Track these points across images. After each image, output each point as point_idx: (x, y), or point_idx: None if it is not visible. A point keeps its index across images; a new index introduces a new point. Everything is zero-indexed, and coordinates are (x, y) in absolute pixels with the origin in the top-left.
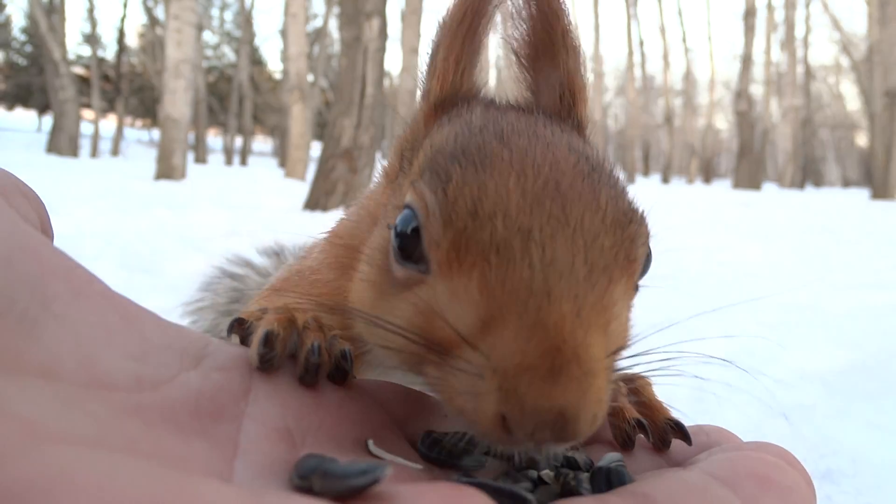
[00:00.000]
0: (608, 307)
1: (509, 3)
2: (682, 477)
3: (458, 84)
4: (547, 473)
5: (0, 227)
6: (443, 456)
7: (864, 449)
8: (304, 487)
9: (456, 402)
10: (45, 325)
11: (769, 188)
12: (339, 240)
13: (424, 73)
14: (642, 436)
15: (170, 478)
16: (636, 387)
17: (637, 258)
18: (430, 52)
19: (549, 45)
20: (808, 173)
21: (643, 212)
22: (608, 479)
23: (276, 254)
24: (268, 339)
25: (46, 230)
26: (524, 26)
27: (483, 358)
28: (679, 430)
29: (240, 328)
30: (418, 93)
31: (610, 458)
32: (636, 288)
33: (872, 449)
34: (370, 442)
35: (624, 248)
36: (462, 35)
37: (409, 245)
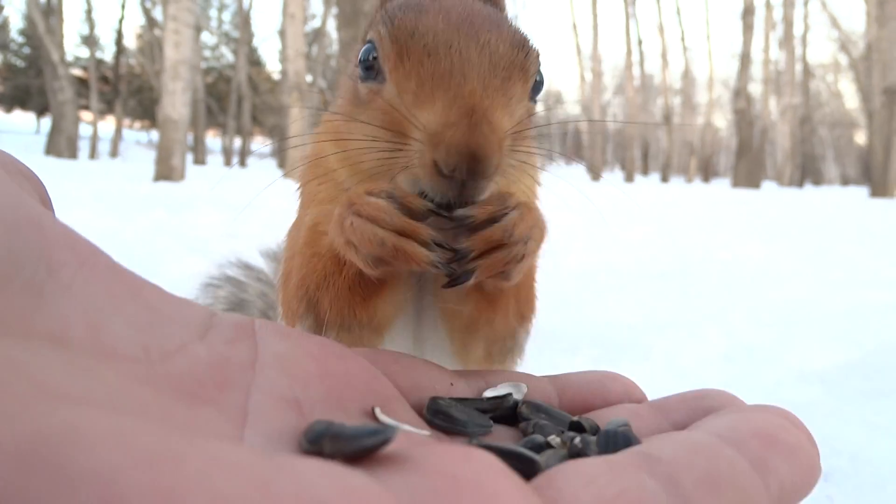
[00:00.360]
0: (507, 93)
1: None
2: (689, 438)
3: None
4: (553, 438)
5: (3, 196)
6: (449, 423)
7: (864, 448)
8: (313, 451)
9: (414, 172)
10: (52, 292)
11: (768, 186)
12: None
13: None
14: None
15: (183, 437)
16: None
17: (529, 72)
18: None
19: None
20: (806, 171)
21: (536, 47)
22: (615, 441)
23: (277, 258)
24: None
25: (48, 208)
26: None
27: (422, 128)
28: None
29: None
30: None
31: (616, 422)
32: (533, 100)
33: (872, 448)
34: (377, 409)
35: (518, 60)
36: None
37: (369, 68)
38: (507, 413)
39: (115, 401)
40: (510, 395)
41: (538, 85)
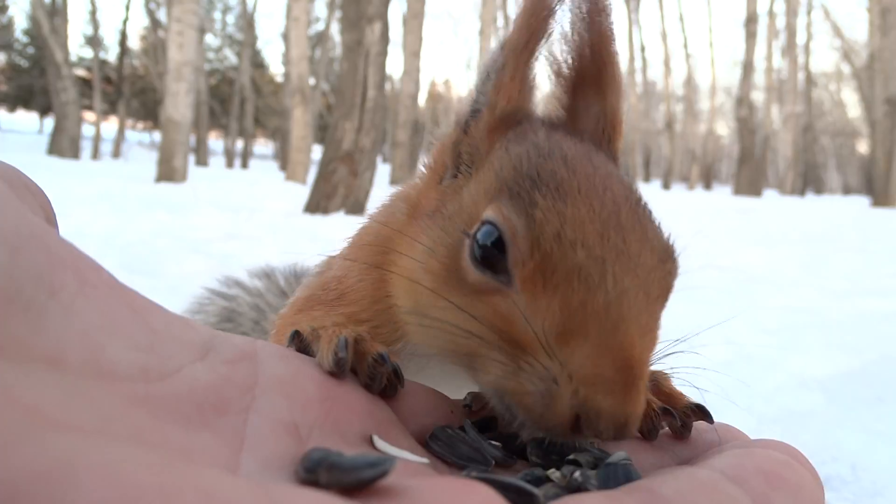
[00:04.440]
0: (655, 332)
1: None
2: (691, 474)
3: (518, 104)
4: (553, 472)
5: (5, 215)
6: (449, 452)
7: (863, 455)
8: (310, 481)
9: (524, 401)
10: (52, 314)
11: (770, 195)
12: (367, 240)
13: (485, 86)
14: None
15: (176, 467)
16: (656, 380)
17: (672, 290)
18: (494, 68)
19: (594, 73)
20: (808, 180)
21: (676, 249)
22: (615, 476)
23: (267, 275)
24: (345, 346)
25: (52, 225)
26: (571, 49)
27: (560, 366)
28: (701, 412)
29: (298, 341)
30: (458, 103)
31: (617, 455)
32: None
33: (872, 455)
34: (375, 437)
35: (666, 281)
36: (526, 57)
37: (489, 256)
38: (512, 450)
39: (110, 426)
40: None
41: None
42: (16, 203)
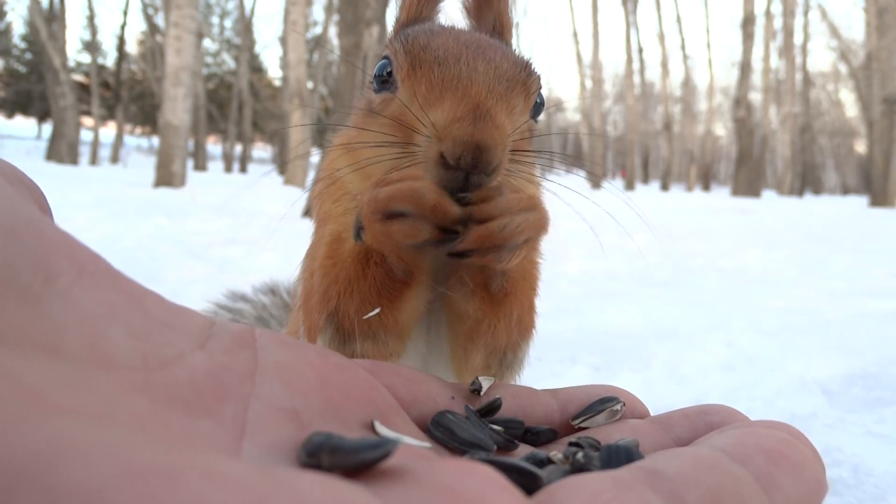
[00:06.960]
0: (509, 100)
1: None
2: (693, 453)
3: (418, 13)
4: (555, 454)
5: (2, 202)
6: (450, 437)
7: (866, 459)
8: (312, 464)
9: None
10: (49, 301)
11: (768, 195)
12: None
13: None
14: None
15: (178, 450)
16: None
17: (531, 90)
18: None
19: None
20: (806, 180)
21: (539, 73)
22: (617, 457)
23: (272, 291)
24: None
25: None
26: None
27: (431, 125)
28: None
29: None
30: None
31: (622, 439)
32: (534, 119)
33: (874, 458)
34: (376, 423)
35: (521, 78)
36: None
37: (384, 81)
38: (512, 436)
39: (111, 412)
40: (522, 422)
41: (538, 106)
42: (10, 192)
